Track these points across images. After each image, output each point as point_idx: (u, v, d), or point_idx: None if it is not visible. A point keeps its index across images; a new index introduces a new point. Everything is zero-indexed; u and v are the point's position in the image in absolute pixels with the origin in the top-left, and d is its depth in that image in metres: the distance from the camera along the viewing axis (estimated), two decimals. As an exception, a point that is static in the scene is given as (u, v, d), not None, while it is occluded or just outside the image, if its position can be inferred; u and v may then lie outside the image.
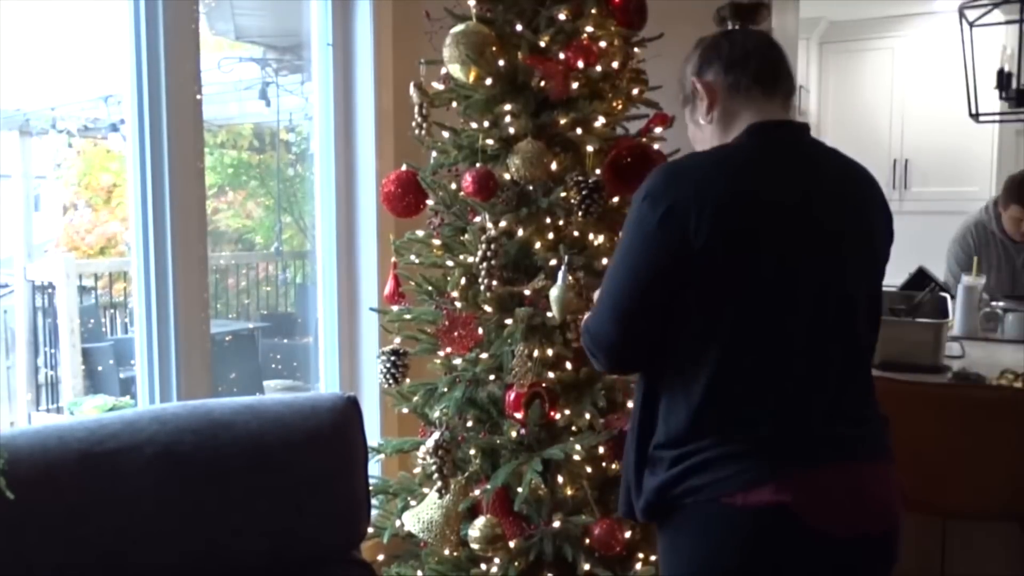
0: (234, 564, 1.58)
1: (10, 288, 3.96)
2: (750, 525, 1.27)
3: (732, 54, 1.42)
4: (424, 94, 2.02)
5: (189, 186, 2.10)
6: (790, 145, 1.40)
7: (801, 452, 1.30)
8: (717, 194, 1.27)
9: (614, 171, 1.94)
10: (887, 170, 5.58)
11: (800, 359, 1.31)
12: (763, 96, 1.41)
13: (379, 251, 2.61)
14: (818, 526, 1.26)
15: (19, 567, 1.37)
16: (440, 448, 1.83)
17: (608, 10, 1.99)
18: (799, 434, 1.30)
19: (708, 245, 1.25)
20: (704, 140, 1.47)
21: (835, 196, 1.37)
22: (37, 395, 3.93)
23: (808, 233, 1.32)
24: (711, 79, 1.43)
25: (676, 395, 1.34)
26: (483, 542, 1.84)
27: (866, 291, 1.40)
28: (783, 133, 1.41)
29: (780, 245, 1.30)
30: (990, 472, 2.08)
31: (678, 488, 1.32)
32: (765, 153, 1.37)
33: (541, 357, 1.89)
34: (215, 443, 1.59)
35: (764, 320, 1.30)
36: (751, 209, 1.29)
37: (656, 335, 1.36)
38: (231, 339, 4.48)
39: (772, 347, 1.30)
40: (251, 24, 3.97)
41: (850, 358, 1.36)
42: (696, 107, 1.47)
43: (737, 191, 1.29)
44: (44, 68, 3.43)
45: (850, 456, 1.33)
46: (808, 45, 5.59)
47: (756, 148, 1.37)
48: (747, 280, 1.29)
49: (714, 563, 1.32)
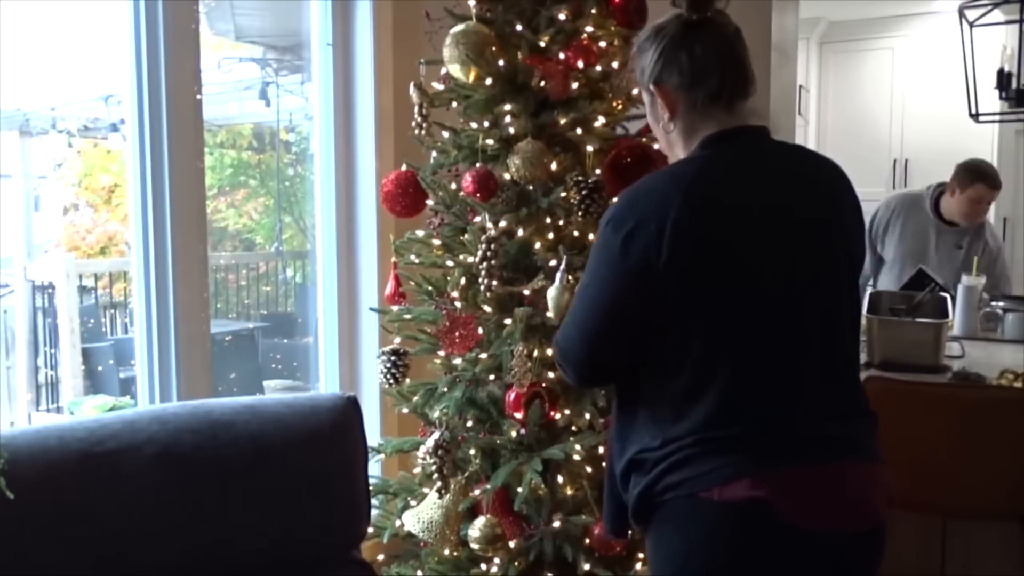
0: (234, 564, 1.58)
1: (10, 288, 3.96)
2: (727, 520, 1.28)
3: (693, 68, 1.38)
4: (424, 94, 2.02)
5: (189, 186, 2.10)
6: (750, 148, 1.40)
7: (782, 450, 1.30)
8: (676, 207, 1.27)
9: (614, 171, 1.93)
10: (887, 170, 5.59)
11: (781, 358, 1.31)
12: (724, 111, 1.39)
13: (379, 251, 2.61)
14: (795, 523, 1.26)
15: (19, 567, 1.37)
16: (440, 448, 1.83)
17: (608, 10, 1.99)
18: (780, 432, 1.30)
19: (672, 259, 1.26)
20: (667, 146, 1.48)
21: (803, 193, 1.37)
22: (37, 395, 3.93)
23: (779, 233, 1.32)
24: (670, 90, 1.40)
25: (655, 401, 1.35)
26: (483, 542, 1.84)
27: (846, 286, 1.40)
28: (741, 139, 1.40)
29: (750, 249, 1.30)
30: (990, 472, 2.08)
31: (659, 485, 1.33)
32: (723, 161, 1.36)
33: (541, 357, 1.88)
34: (215, 443, 1.59)
35: (740, 324, 1.30)
36: (714, 216, 1.29)
37: (623, 355, 1.38)
38: (231, 339, 4.48)
39: (751, 348, 1.30)
40: (251, 24, 3.97)
41: (833, 355, 1.36)
42: (656, 111, 1.44)
43: (696, 202, 1.29)
44: (44, 68, 3.43)
45: (834, 455, 1.33)
46: (808, 45, 5.59)
47: (712, 158, 1.37)
48: (719, 285, 1.29)
49: (696, 557, 1.32)
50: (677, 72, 1.39)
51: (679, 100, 1.40)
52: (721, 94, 1.39)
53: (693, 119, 1.40)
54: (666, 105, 1.41)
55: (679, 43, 1.39)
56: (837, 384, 1.37)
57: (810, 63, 5.66)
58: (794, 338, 1.32)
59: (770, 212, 1.32)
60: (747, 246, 1.30)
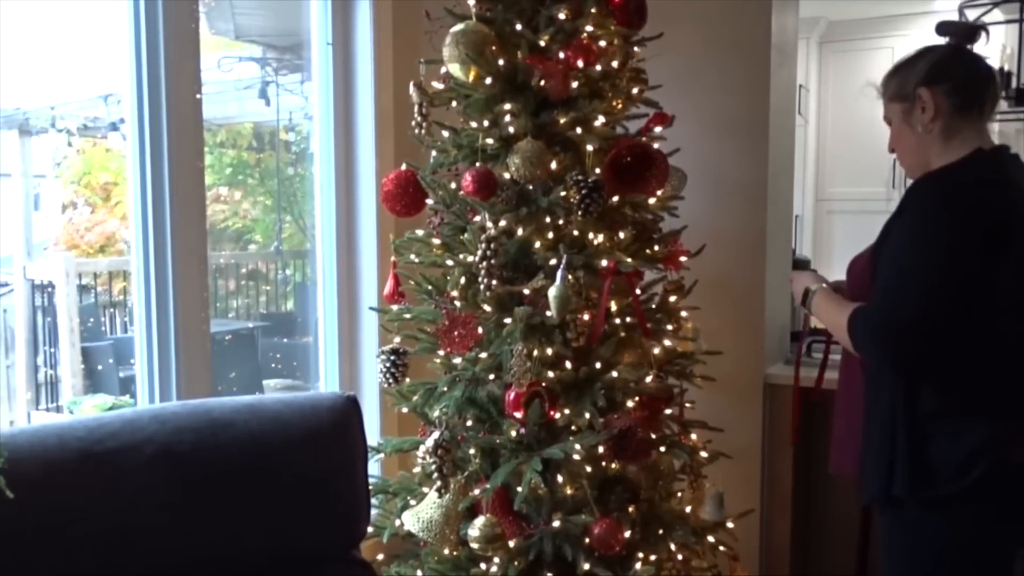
0: (234, 564, 1.58)
1: (10, 287, 3.95)
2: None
3: (965, 76, 1.71)
4: (424, 93, 2.02)
5: (189, 185, 2.10)
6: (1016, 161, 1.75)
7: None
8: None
9: (614, 170, 1.94)
10: (887, 170, 5.58)
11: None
12: (981, 119, 1.72)
13: (379, 251, 2.62)
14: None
15: (19, 567, 1.37)
16: (440, 447, 1.83)
17: (608, 10, 1.99)
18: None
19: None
20: (916, 147, 1.77)
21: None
22: (37, 394, 3.93)
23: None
24: (940, 94, 1.70)
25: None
26: (483, 541, 1.84)
27: None
28: (1008, 154, 1.74)
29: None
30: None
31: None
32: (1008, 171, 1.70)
33: (540, 356, 1.89)
34: (215, 443, 1.59)
35: None
36: None
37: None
38: (231, 338, 4.48)
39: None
40: (251, 24, 3.97)
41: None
42: (913, 114, 1.74)
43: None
44: (44, 67, 3.42)
45: None
46: (808, 45, 5.59)
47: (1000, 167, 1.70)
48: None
49: None
50: (947, 78, 1.71)
51: (944, 104, 1.71)
52: (985, 105, 1.72)
53: (955, 122, 1.72)
54: (933, 107, 1.71)
55: (950, 58, 1.73)
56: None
57: (810, 63, 5.66)
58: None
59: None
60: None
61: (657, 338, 2.06)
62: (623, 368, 1.96)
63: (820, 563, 2.98)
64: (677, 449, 2.07)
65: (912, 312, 1.60)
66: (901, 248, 1.66)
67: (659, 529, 2.05)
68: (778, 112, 2.80)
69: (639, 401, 1.98)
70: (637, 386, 1.97)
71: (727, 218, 2.77)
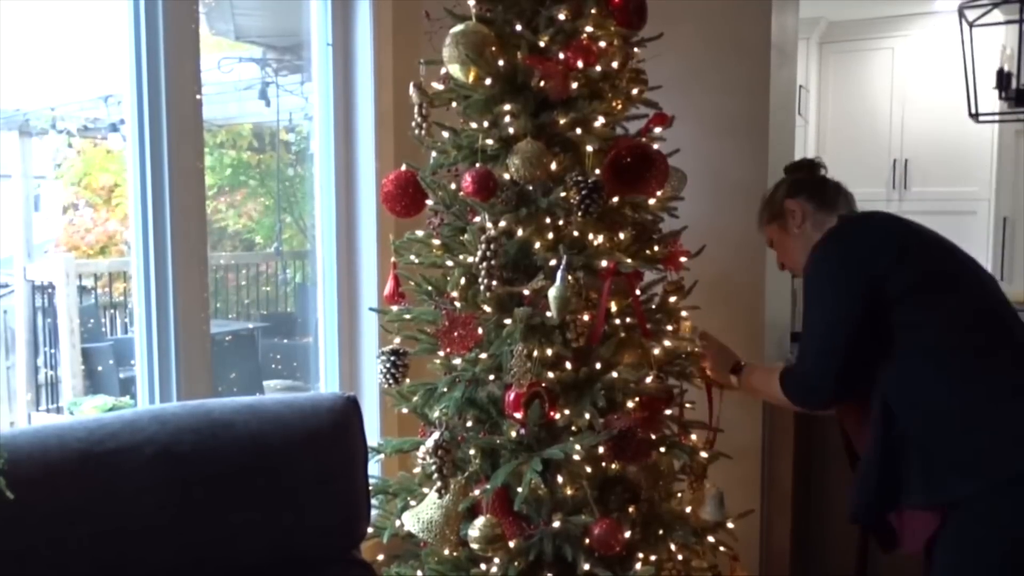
0: (234, 564, 1.58)
1: (10, 288, 3.96)
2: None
3: (814, 184, 2.15)
4: (424, 94, 2.02)
5: (189, 186, 2.10)
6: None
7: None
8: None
9: (614, 171, 1.94)
10: (887, 170, 5.59)
11: None
12: (840, 208, 2.10)
13: (379, 251, 2.62)
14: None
15: (19, 567, 1.37)
16: (440, 448, 1.83)
17: (608, 10, 1.99)
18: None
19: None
20: (800, 247, 2.08)
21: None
22: (37, 395, 3.93)
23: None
24: (802, 200, 2.11)
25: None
26: (483, 542, 1.84)
27: None
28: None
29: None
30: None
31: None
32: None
33: (540, 357, 1.88)
34: (215, 443, 1.59)
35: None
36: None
37: None
38: (231, 339, 4.48)
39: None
40: (251, 24, 3.97)
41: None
42: (788, 224, 2.12)
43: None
44: (44, 68, 3.42)
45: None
46: (808, 45, 5.59)
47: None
48: None
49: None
50: (804, 191, 2.15)
51: (806, 207, 2.12)
52: (837, 203, 2.14)
53: (819, 216, 2.11)
54: (801, 211, 2.12)
55: (803, 177, 2.22)
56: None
57: (810, 63, 5.66)
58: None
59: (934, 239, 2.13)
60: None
61: (657, 338, 2.06)
62: (623, 369, 1.95)
63: (820, 563, 2.98)
64: (677, 449, 2.07)
65: (818, 367, 1.95)
66: (805, 311, 2.00)
67: (659, 529, 2.05)
68: (778, 112, 2.80)
69: (639, 402, 1.98)
70: (637, 387, 1.97)
71: (727, 218, 2.77)
